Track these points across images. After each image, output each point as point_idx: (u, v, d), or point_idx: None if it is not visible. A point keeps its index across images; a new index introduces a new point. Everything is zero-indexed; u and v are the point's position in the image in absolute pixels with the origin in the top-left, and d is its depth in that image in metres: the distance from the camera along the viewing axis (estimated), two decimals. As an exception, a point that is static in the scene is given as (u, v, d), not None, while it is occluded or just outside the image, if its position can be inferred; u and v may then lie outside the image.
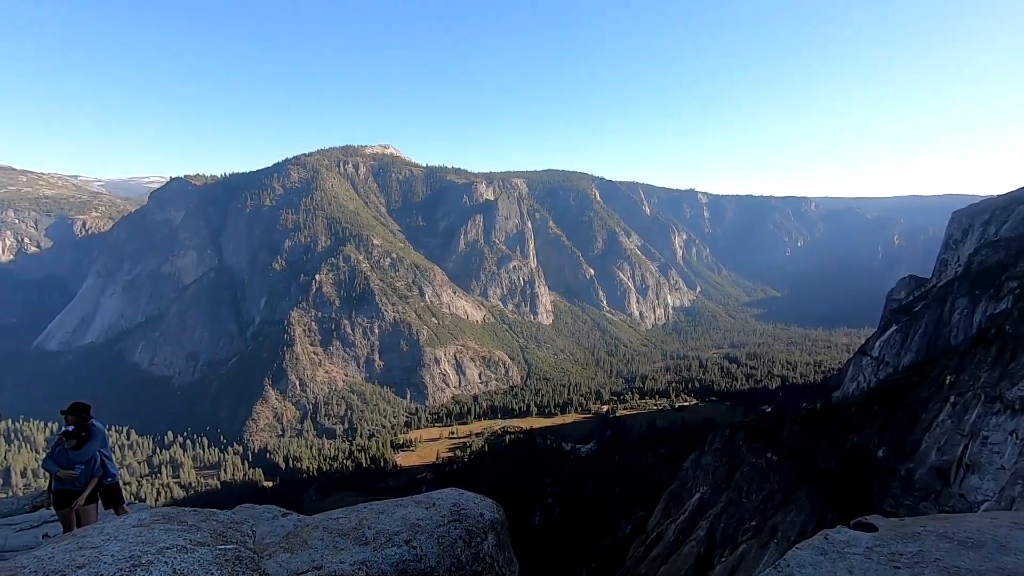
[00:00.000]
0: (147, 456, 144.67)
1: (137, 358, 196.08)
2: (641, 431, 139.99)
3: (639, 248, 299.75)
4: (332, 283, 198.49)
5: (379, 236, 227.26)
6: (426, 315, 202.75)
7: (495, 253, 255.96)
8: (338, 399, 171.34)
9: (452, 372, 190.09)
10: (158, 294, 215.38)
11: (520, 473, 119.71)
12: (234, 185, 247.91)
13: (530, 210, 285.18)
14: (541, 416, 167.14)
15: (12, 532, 10.74)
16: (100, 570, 2.95)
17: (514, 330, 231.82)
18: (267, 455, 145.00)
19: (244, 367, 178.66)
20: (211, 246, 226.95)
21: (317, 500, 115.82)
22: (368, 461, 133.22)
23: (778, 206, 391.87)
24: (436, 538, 5.61)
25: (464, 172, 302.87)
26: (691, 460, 68.74)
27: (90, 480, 9.38)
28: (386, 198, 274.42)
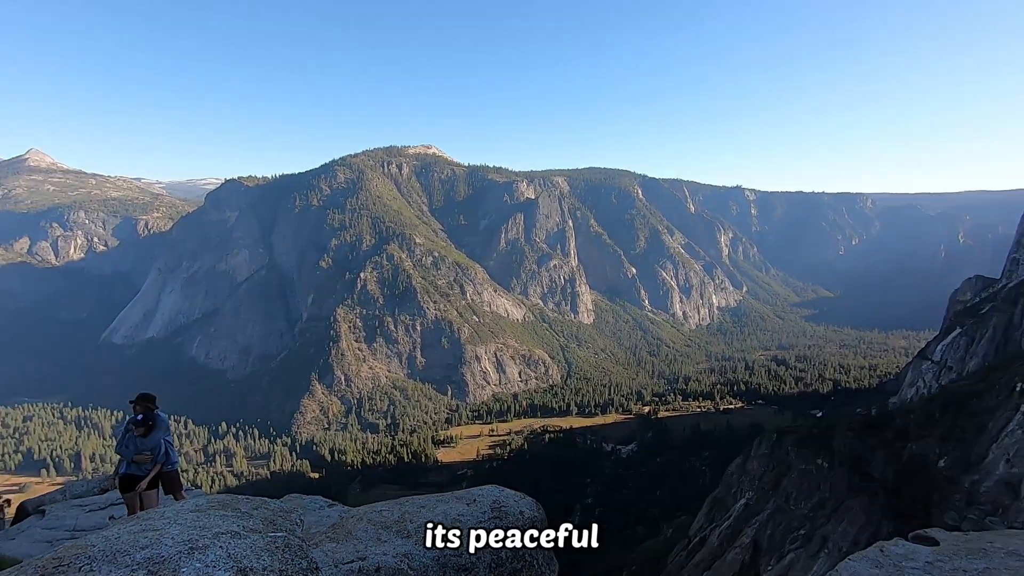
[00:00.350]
0: (203, 445, 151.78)
1: (194, 352, 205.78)
2: (684, 434, 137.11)
3: (683, 247, 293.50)
4: (376, 281, 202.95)
5: (421, 235, 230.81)
6: (467, 313, 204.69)
7: (536, 252, 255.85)
8: (381, 394, 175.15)
9: (492, 370, 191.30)
10: (213, 291, 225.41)
11: (560, 472, 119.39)
12: (284, 186, 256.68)
13: (571, 208, 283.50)
14: (581, 416, 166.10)
15: (83, 512, 11.50)
16: (161, 552, 3.16)
17: (554, 329, 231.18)
18: (314, 447, 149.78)
19: (292, 362, 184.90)
20: (262, 245, 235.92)
21: (361, 492, 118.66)
22: (410, 456, 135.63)
23: (831, 203, 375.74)
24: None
25: (505, 171, 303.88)
26: (736, 465, 66.84)
27: (154, 466, 9.93)
28: (428, 197, 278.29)
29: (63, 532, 10.45)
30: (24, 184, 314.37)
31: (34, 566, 3.12)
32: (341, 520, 6.66)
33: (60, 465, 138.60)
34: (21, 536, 9.94)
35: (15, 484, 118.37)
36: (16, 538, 9.92)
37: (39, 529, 10.35)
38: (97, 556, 3.14)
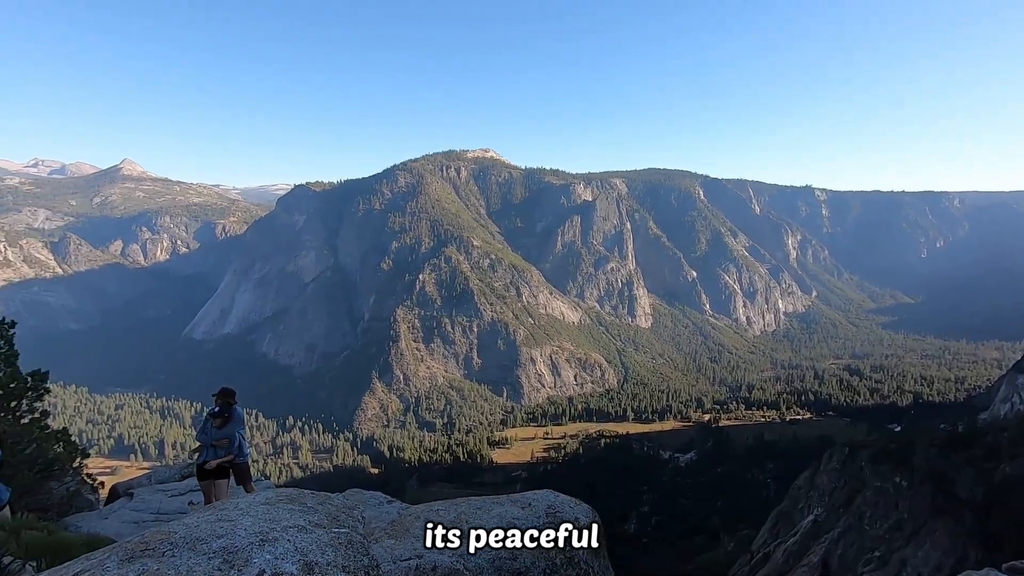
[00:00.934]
0: (272, 437, 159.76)
1: (265, 348, 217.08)
2: (747, 444, 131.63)
3: (747, 249, 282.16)
4: (434, 283, 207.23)
5: (479, 237, 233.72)
6: (523, 315, 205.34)
7: (592, 254, 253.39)
8: (438, 394, 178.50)
9: (548, 372, 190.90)
10: (283, 291, 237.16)
11: (615, 479, 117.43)
12: (349, 190, 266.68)
13: (629, 210, 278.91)
14: (638, 422, 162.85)
15: (166, 497, 12.40)
16: (235, 542, 3.37)
17: (611, 332, 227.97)
18: (373, 443, 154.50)
19: (355, 360, 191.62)
20: (328, 247, 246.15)
21: (418, 489, 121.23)
22: (465, 456, 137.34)
23: (912, 203, 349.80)
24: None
25: (562, 173, 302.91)
26: (804, 478, 63.47)
27: (226, 455, 10.56)
28: (486, 200, 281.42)
29: (148, 514, 11.26)
30: (118, 191, 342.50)
31: (124, 548, 3.41)
32: (400, 517, 6.84)
33: (146, 451, 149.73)
34: (113, 516, 10.81)
35: (108, 467, 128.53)
36: (108, 518, 10.79)
37: (128, 511, 11.21)
38: (179, 542, 3.40)
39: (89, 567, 3.26)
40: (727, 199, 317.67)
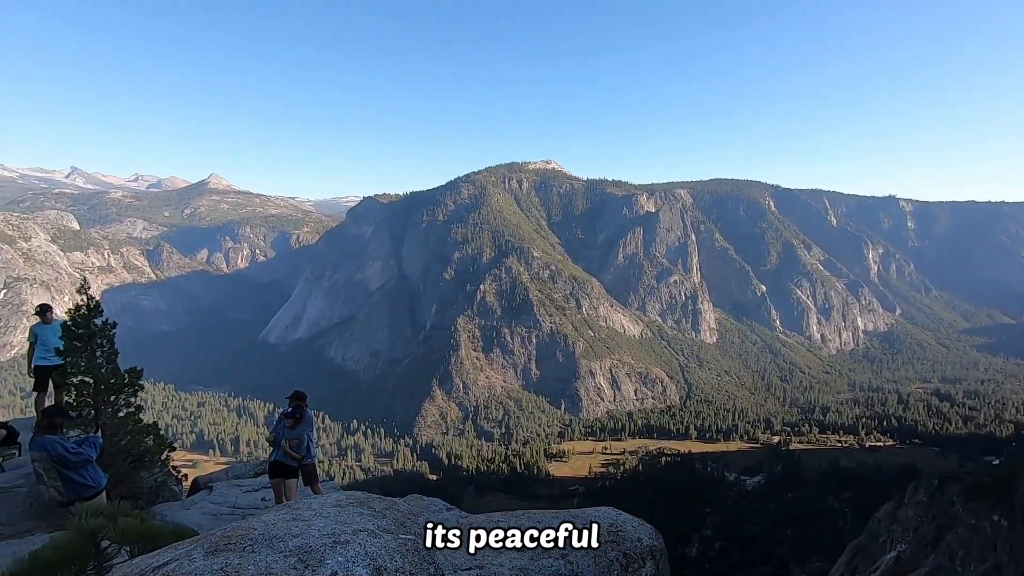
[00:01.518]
0: (337, 439, 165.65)
1: (332, 353, 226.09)
2: (820, 469, 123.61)
3: (822, 263, 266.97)
4: (494, 293, 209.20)
5: (539, 248, 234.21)
6: (582, 327, 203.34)
7: (655, 266, 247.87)
8: (496, 404, 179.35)
9: (607, 386, 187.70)
10: (351, 298, 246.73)
11: (676, 499, 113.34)
12: (414, 202, 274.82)
13: (694, 222, 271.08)
14: (701, 441, 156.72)
15: (241, 492, 13.11)
16: (310, 542, 3.49)
17: (673, 347, 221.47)
18: (432, 450, 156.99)
19: (416, 367, 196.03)
20: (393, 257, 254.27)
21: (475, 498, 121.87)
22: (522, 467, 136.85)
23: (1012, 213, 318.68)
24: (592, 556, 5.58)
25: (624, 184, 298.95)
26: (885, 511, 58.64)
27: (296, 457, 11.04)
28: (547, 211, 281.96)
29: (225, 508, 11.92)
30: (206, 204, 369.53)
31: (209, 541, 3.61)
32: (459, 526, 6.91)
33: (223, 447, 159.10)
34: (194, 507, 11.53)
35: (189, 460, 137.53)
36: (190, 509, 11.51)
37: (207, 503, 11.93)
38: (257, 539, 3.56)
39: (177, 557, 3.46)
40: (800, 210, 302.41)
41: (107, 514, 4.99)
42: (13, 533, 9.46)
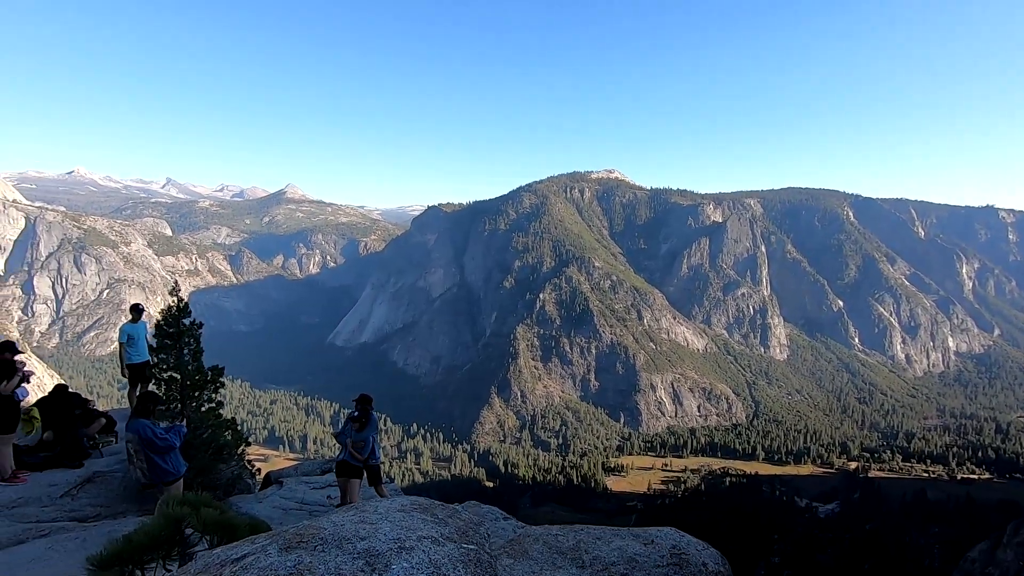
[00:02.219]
0: (397, 442, 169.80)
1: (395, 357, 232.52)
2: (904, 500, 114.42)
3: (907, 277, 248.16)
4: (554, 302, 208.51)
5: (600, 258, 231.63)
6: (644, 339, 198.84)
7: (721, 278, 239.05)
8: (554, 414, 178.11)
9: (668, 401, 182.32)
10: (413, 305, 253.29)
11: (741, 522, 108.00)
12: (476, 211, 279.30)
13: (764, 232, 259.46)
14: (769, 462, 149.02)
15: (309, 489, 13.68)
16: (376, 545, 3.60)
17: (740, 363, 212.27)
18: (489, 457, 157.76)
19: (475, 374, 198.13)
20: (455, 265, 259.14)
21: (531, 508, 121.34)
22: (579, 479, 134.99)
23: None
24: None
25: (690, 193, 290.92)
26: (980, 550, 53.54)
27: (361, 458, 11.41)
28: (608, 221, 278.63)
29: (294, 503, 12.47)
30: (283, 212, 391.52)
31: (283, 538, 3.74)
32: (517, 537, 6.88)
33: (292, 443, 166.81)
34: (266, 501, 12.14)
35: (261, 455, 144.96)
36: (262, 502, 12.13)
37: (278, 497, 12.53)
38: (327, 539, 3.68)
39: (254, 551, 3.62)
40: (883, 221, 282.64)
41: (191, 504, 5.36)
42: (109, 513, 10.31)
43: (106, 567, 4.63)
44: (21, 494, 10.15)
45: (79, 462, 11.82)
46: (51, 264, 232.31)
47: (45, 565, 7.47)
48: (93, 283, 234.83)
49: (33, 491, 10.36)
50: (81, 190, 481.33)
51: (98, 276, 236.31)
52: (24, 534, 8.66)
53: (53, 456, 11.70)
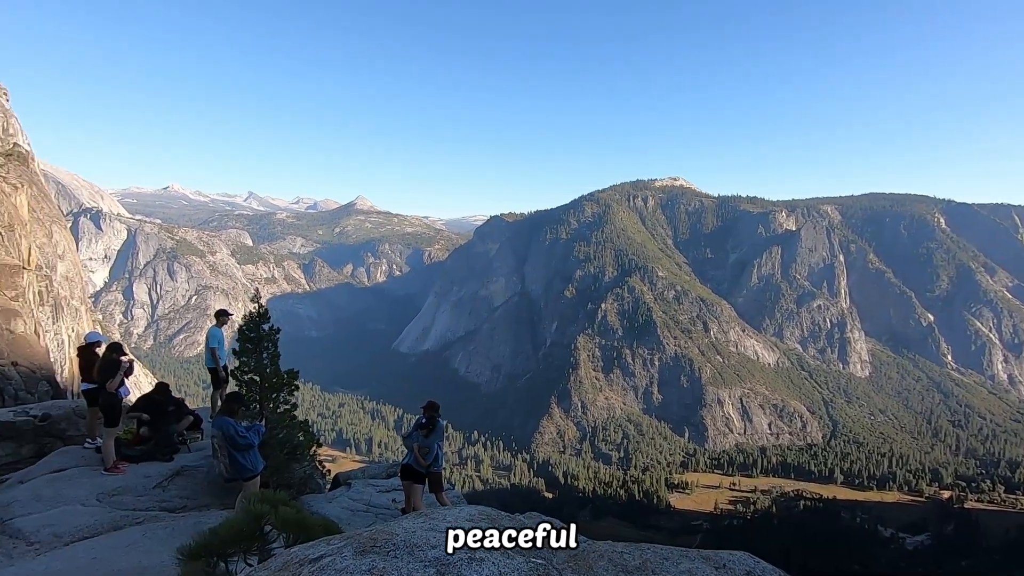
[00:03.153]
0: (458, 448, 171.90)
1: (457, 365, 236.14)
2: (1007, 536, 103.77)
3: (1009, 290, 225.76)
4: (616, 312, 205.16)
5: (664, 268, 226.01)
6: (710, 352, 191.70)
7: (795, 289, 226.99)
8: (615, 426, 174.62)
9: (737, 417, 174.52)
10: (475, 313, 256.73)
11: (817, 549, 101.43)
12: (538, 221, 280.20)
13: (843, 241, 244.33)
14: (848, 486, 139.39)
15: (375, 491, 14.06)
16: (447, 554, 3.67)
17: (815, 379, 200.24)
18: (549, 467, 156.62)
19: (535, 383, 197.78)
20: (516, 274, 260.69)
21: (590, 521, 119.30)
22: (640, 494, 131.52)
23: None
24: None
25: (760, 201, 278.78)
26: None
27: (425, 464, 11.62)
28: (673, 230, 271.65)
29: (361, 504, 12.86)
30: (353, 223, 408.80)
31: (357, 541, 3.84)
32: (581, 552, 6.75)
33: (358, 446, 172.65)
34: (336, 502, 12.60)
35: (330, 456, 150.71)
36: (332, 502, 12.60)
37: (347, 499, 12.96)
38: (399, 544, 3.73)
39: (330, 552, 3.69)
40: (980, 228, 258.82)
41: (270, 501, 5.64)
42: (195, 505, 11.04)
43: (194, 558, 4.94)
44: (120, 484, 11.05)
45: (170, 456, 12.73)
46: (148, 272, 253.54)
47: (140, 551, 8.08)
48: (183, 289, 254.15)
49: (130, 481, 11.26)
50: (174, 204, 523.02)
51: (187, 283, 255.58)
52: (122, 520, 9.42)
53: (148, 450, 12.68)
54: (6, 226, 30.78)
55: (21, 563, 7.69)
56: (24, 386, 24.83)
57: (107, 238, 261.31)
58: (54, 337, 37.77)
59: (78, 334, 44.06)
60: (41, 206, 50.86)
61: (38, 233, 43.74)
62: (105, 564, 7.52)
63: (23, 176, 41.74)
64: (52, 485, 10.64)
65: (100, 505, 10.05)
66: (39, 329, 30.40)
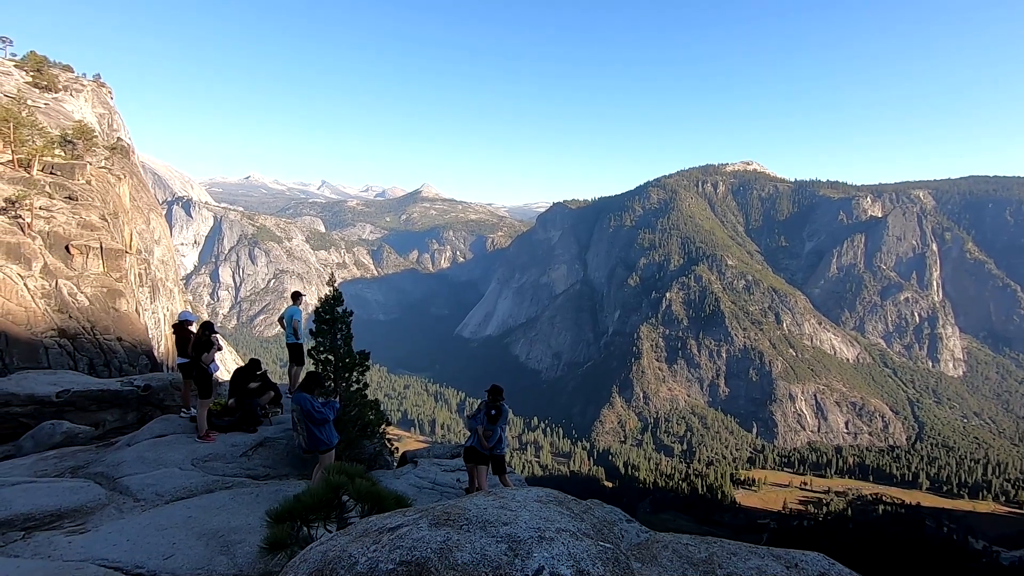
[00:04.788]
0: (518, 434, 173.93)
1: (518, 351, 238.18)
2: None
3: None
4: (681, 302, 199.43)
5: (734, 256, 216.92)
6: (782, 345, 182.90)
7: (879, 281, 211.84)
8: (678, 418, 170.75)
9: (810, 414, 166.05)
10: (537, 300, 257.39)
11: (897, 558, 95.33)
12: (601, 208, 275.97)
13: (936, 229, 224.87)
14: (935, 493, 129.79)
15: (440, 471, 14.50)
16: (517, 532, 3.74)
17: (900, 376, 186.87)
18: (609, 457, 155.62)
19: (596, 372, 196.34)
20: (578, 261, 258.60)
21: (651, 514, 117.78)
22: (704, 489, 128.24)
23: None
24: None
25: (842, 185, 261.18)
26: None
27: (489, 447, 11.84)
28: (744, 216, 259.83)
29: (427, 482, 13.31)
30: (418, 210, 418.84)
31: (432, 514, 4.04)
32: (645, 542, 6.67)
33: (422, 427, 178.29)
34: (403, 478, 13.13)
35: (396, 435, 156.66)
36: (400, 479, 13.13)
37: (413, 476, 13.47)
38: (472, 520, 3.91)
39: (407, 523, 3.90)
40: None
41: (347, 473, 5.96)
42: (276, 475, 11.83)
43: (280, 520, 5.32)
44: (212, 451, 12.01)
45: (254, 428, 13.68)
46: (232, 256, 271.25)
47: (228, 512, 8.78)
48: (263, 273, 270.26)
49: (220, 449, 12.20)
50: (255, 193, 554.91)
51: (267, 267, 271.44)
52: (213, 484, 10.26)
53: (235, 421, 13.67)
54: (111, 214, 33.81)
55: (130, 517, 8.55)
56: (127, 359, 27.38)
57: (196, 224, 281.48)
58: (152, 316, 41.35)
59: (172, 313, 47.95)
60: (140, 195, 55.45)
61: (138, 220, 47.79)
62: (199, 523, 8.23)
63: (125, 168, 45.61)
64: (154, 449, 11.70)
65: (194, 469, 10.97)
66: (139, 308, 33.32)
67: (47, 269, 26.42)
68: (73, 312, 25.98)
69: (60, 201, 30.73)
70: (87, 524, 8.22)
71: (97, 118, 61.72)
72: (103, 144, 45.11)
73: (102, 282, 28.64)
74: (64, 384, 15.96)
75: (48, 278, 26.16)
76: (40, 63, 59.86)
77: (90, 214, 31.13)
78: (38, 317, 24.33)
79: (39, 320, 24.28)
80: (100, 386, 16.27)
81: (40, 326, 24.10)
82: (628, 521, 10.46)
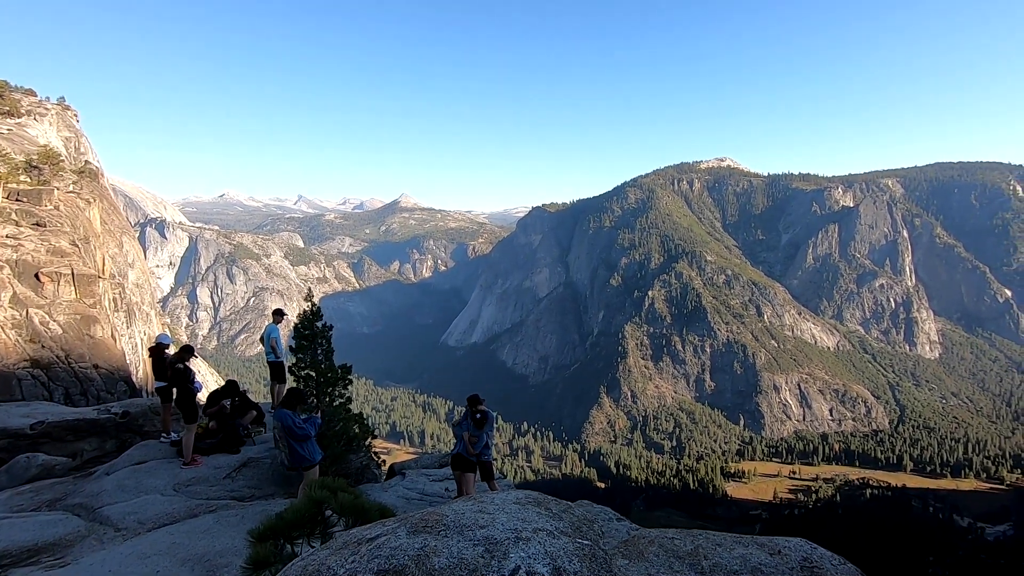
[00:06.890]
0: (508, 439, 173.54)
1: (504, 357, 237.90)
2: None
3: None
4: (664, 299, 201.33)
5: (713, 252, 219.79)
6: (764, 337, 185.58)
7: (854, 269, 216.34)
8: (666, 415, 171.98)
9: (795, 403, 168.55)
10: (520, 305, 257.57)
11: (884, 540, 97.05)
12: (580, 210, 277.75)
13: (906, 215, 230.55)
14: (918, 474, 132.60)
15: (428, 481, 14.48)
16: (495, 534, 3.79)
17: (880, 362, 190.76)
18: (600, 457, 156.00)
19: (583, 373, 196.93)
20: (560, 264, 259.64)
21: (644, 511, 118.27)
22: (695, 483, 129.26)
23: None
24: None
25: (813, 177, 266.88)
26: None
27: (474, 454, 11.86)
28: (721, 212, 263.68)
29: (415, 493, 13.27)
30: (398, 221, 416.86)
31: (410, 522, 4.11)
32: (632, 538, 6.76)
33: (411, 438, 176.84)
34: (391, 490, 13.07)
35: (384, 448, 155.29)
36: (388, 491, 13.07)
37: (401, 487, 13.42)
38: (450, 525, 3.97)
39: (385, 532, 3.96)
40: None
41: (330, 488, 5.96)
42: (261, 494, 11.70)
43: (263, 540, 5.30)
44: (194, 475, 11.85)
45: (237, 448, 13.51)
46: (209, 276, 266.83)
47: (214, 536, 8.67)
48: (242, 292, 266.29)
49: (203, 472, 12.04)
50: (230, 210, 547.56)
51: (245, 285, 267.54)
52: (196, 508, 10.11)
53: (217, 442, 13.49)
54: (82, 239, 33.11)
55: (111, 547, 8.39)
56: (104, 386, 26.78)
57: (171, 245, 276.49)
58: (128, 340, 40.50)
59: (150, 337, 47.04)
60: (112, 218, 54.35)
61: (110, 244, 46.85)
62: (183, 548, 8.11)
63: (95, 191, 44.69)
64: (134, 476, 11.49)
65: (177, 494, 10.80)
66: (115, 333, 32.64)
67: (16, 298, 25.78)
68: (46, 341, 25.37)
69: (27, 228, 30.03)
70: (67, 557, 8.06)
71: (63, 142, 60.45)
72: (70, 168, 44.21)
73: (75, 309, 28.02)
74: (38, 415, 15.59)
75: (18, 307, 25.53)
76: (1, 88, 58.45)
77: (59, 240, 30.47)
78: (9, 348, 23.72)
79: (10, 351, 23.67)
80: (76, 415, 15.93)
81: (12, 357, 23.50)
82: (618, 519, 10.55)
